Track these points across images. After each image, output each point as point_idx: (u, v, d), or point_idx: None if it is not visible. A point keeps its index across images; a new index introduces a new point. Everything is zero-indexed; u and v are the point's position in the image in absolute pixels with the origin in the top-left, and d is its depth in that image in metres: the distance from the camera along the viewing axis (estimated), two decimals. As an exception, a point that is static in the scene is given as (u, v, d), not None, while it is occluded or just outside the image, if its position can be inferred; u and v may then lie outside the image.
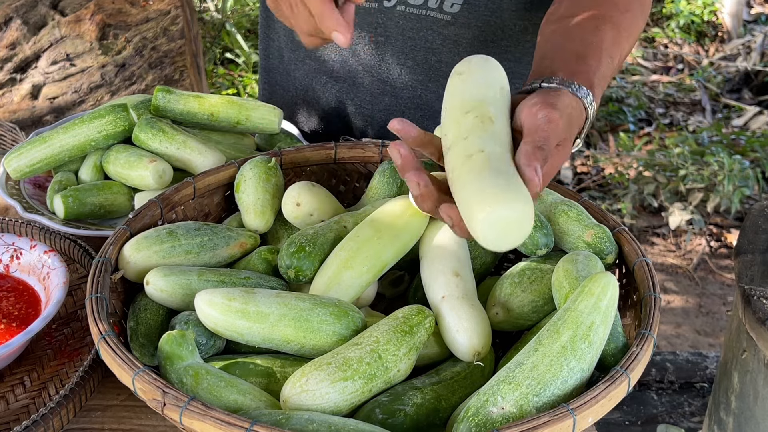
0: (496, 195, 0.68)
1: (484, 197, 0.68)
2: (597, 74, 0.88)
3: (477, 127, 0.76)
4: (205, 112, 1.23)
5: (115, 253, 0.89)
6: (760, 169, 3.45)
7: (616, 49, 0.95)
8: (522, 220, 0.69)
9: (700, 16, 4.85)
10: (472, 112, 0.78)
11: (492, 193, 0.68)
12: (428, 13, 1.22)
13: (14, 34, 2.78)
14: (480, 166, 0.71)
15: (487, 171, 0.71)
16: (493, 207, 0.68)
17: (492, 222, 0.68)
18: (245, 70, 4.00)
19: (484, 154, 0.72)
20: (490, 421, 0.70)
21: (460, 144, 0.75)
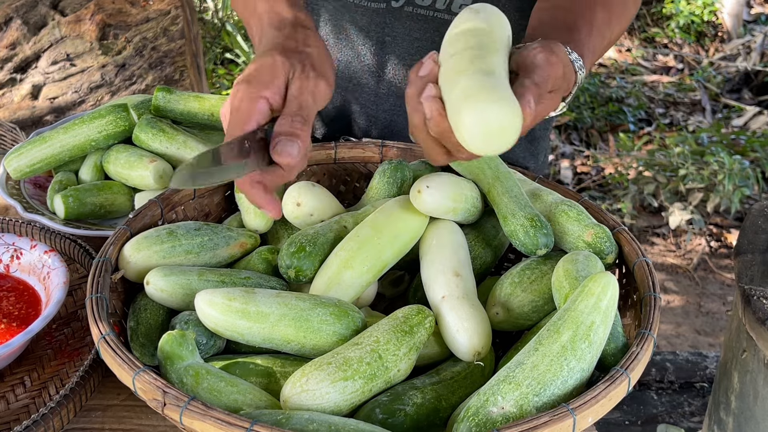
0: (487, 94, 0.69)
1: (473, 94, 0.69)
2: (587, 45, 0.90)
3: (476, 44, 0.77)
4: (205, 112, 1.23)
5: (116, 253, 0.89)
6: (760, 169, 3.45)
7: (607, 28, 0.97)
8: (509, 124, 0.69)
9: (700, 16, 4.85)
10: (472, 35, 0.79)
11: (482, 91, 0.69)
12: (436, 14, 1.22)
13: (14, 34, 2.78)
14: (473, 68, 0.72)
15: (479, 74, 0.71)
16: (483, 105, 0.68)
17: (479, 121, 0.68)
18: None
19: (478, 60, 0.73)
20: (490, 421, 0.70)
21: (456, 56, 0.76)
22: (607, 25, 0.97)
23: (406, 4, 1.22)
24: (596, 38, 0.93)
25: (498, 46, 0.79)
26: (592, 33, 0.93)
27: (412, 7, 1.22)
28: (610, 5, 0.99)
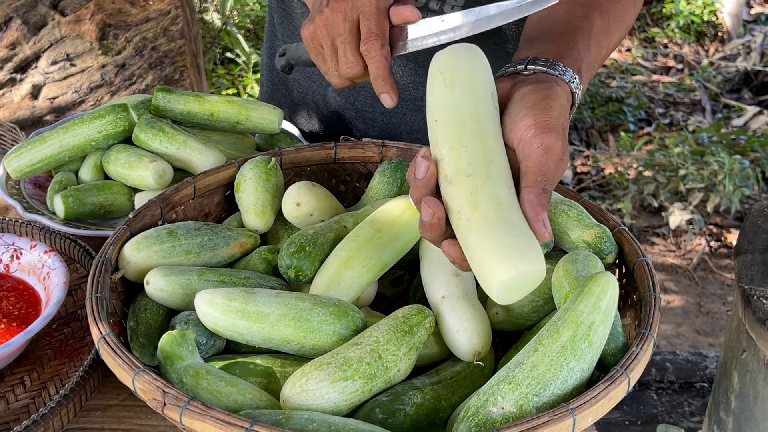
0: (512, 258, 0.67)
1: (499, 260, 0.67)
2: (585, 59, 0.87)
3: (479, 159, 0.73)
4: (205, 112, 1.23)
5: (115, 253, 0.89)
6: (760, 169, 3.45)
7: (605, 37, 0.93)
8: (536, 278, 0.69)
9: (700, 16, 4.85)
10: (469, 136, 0.74)
11: (507, 255, 0.67)
12: (428, 15, 1.21)
13: (14, 34, 2.78)
14: (492, 217, 0.69)
15: (499, 226, 0.69)
16: (510, 273, 0.67)
17: (508, 284, 0.68)
18: (245, 70, 3.99)
19: (493, 200, 0.70)
20: (490, 421, 0.70)
21: (464, 182, 0.72)
22: (605, 35, 0.93)
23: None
24: (594, 50, 0.90)
25: (495, 132, 0.75)
26: (590, 45, 0.89)
27: None
28: (608, 13, 0.95)
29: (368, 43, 0.87)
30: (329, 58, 0.92)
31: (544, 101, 0.77)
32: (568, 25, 0.91)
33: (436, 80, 0.79)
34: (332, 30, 0.91)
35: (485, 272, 0.69)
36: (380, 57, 0.87)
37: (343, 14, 0.89)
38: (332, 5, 0.90)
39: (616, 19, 0.97)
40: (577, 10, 0.93)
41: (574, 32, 0.89)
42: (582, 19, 0.91)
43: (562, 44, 0.86)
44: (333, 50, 0.92)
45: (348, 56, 0.89)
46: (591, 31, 0.90)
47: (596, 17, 0.92)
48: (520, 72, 0.82)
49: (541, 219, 0.70)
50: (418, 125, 1.32)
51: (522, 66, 0.82)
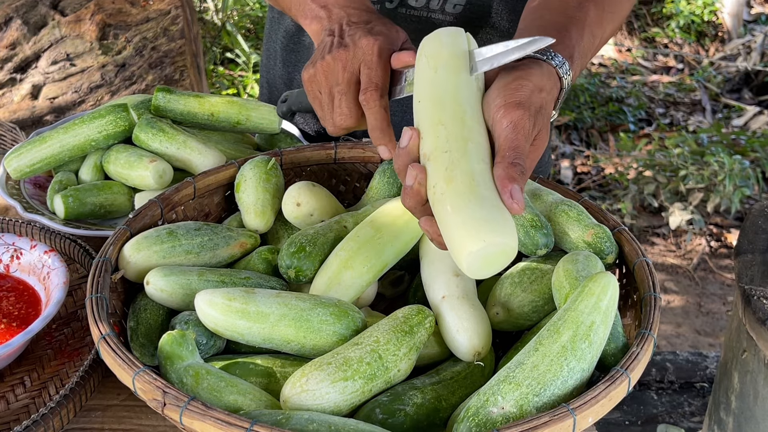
0: (482, 230, 0.68)
1: (469, 232, 0.68)
2: (578, 47, 0.87)
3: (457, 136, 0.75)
4: (205, 112, 1.23)
5: (115, 253, 0.89)
6: (761, 169, 3.45)
7: (599, 28, 0.93)
8: (507, 252, 0.69)
9: (700, 16, 4.85)
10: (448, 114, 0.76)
11: (477, 227, 0.68)
12: (429, 14, 1.21)
13: (14, 34, 2.78)
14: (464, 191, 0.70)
15: (472, 200, 0.70)
16: (479, 244, 0.68)
17: (477, 256, 0.68)
18: (245, 70, 4.00)
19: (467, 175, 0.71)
20: (490, 421, 0.70)
21: (440, 158, 0.74)
22: (598, 25, 0.93)
23: (399, 6, 1.21)
24: (587, 39, 0.90)
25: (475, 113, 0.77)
26: (584, 34, 0.89)
27: (405, 9, 1.21)
28: (603, 4, 0.95)
29: (368, 93, 0.86)
30: (326, 105, 0.91)
31: (515, 81, 0.77)
32: (563, 14, 0.91)
33: (421, 63, 0.82)
34: (331, 78, 0.89)
35: (455, 244, 0.69)
36: (379, 108, 0.86)
37: (343, 63, 0.88)
38: (334, 53, 0.88)
39: (611, 9, 0.96)
40: (571, 1, 0.93)
41: (568, 21, 0.89)
42: (576, 9, 0.91)
43: (553, 32, 0.86)
44: (330, 98, 0.90)
45: (343, 107, 0.89)
46: (585, 21, 0.90)
47: (591, 7, 0.92)
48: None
49: (508, 191, 0.70)
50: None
51: None
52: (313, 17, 0.96)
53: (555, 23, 0.89)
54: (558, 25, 0.88)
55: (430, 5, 1.20)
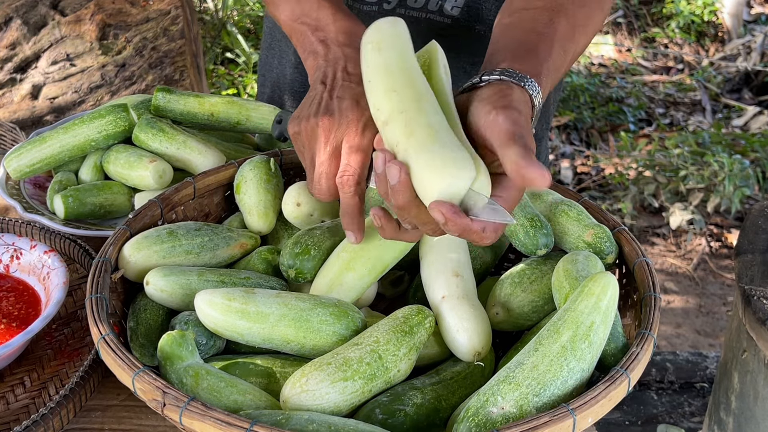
0: (448, 168, 0.70)
1: (435, 172, 0.70)
2: (546, 64, 0.86)
3: (410, 97, 0.76)
4: (205, 112, 1.23)
5: (115, 253, 0.89)
6: (761, 169, 3.45)
7: (570, 42, 0.92)
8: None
9: (700, 16, 4.85)
10: (398, 82, 0.78)
11: (443, 166, 0.70)
12: (428, 15, 1.21)
13: (14, 34, 2.78)
14: (425, 140, 0.72)
15: (433, 144, 0.71)
16: (446, 180, 0.69)
17: (448, 195, 0.70)
18: (245, 70, 4.00)
19: (425, 127, 0.73)
20: (490, 421, 0.70)
21: (397, 119, 0.75)
22: (569, 39, 0.92)
23: (398, 6, 1.21)
24: (557, 55, 0.89)
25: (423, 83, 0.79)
26: (552, 50, 0.88)
27: (404, 9, 1.21)
28: (574, 17, 0.94)
29: (344, 177, 0.84)
30: (308, 168, 0.89)
31: (501, 92, 0.78)
32: (532, 32, 0.90)
33: (366, 49, 0.83)
34: (314, 145, 0.87)
35: (425, 188, 0.71)
36: (353, 196, 0.84)
37: (326, 135, 0.85)
38: (320, 118, 0.86)
39: (582, 23, 0.95)
40: (542, 16, 0.92)
41: (537, 39, 0.88)
42: (546, 25, 0.91)
43: (522, 53, 0.85)
44: (312, 164, 0.88)
45: (322, 184, 0.86)
46: (554, 37, 0.89)
47: (561, 22, 0.91)
48: (476, 85, 0.82)
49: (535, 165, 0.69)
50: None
51: (477, 79, 0.82)
52: (310, 51, 0.95)
53: (524, 42, 0.88)
54: (527, 44, 0.88)
55: (429, 6, 1.20)
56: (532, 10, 0.93)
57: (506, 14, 0.97)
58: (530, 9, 0.93)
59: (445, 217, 0.70)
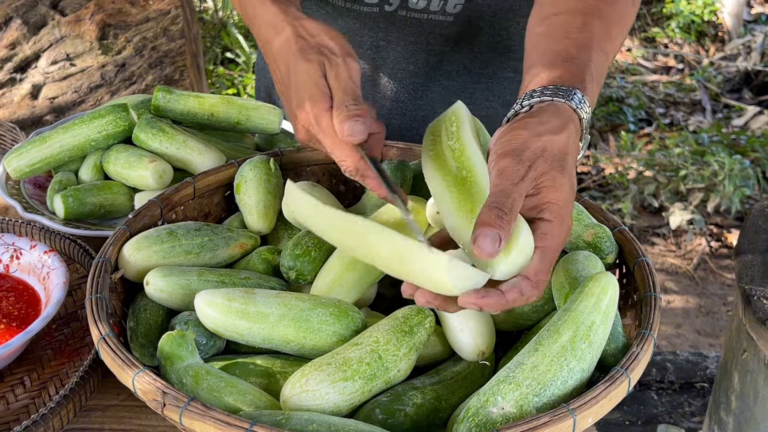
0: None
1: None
2: (588, 72, 0.83)
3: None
4: (205, 112, 1.23)
5: (115, 253, 0.89)
6: (761, 169, 3.45)
7: (608, 43, 0.90)
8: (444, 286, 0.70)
9: (700, 16, 4.85)
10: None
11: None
12: (430, 16, 1.21)
13: (14, 34, 2.78)
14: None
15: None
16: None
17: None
18: (245, 70, 4.00)
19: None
20: (490, 421, 0.70)
21: None
22: (607, 39, 0.90)
23: (399, 8, 1.20)
24: (597, 58, 0.86)
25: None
26: (592, 55, 0.86)
27: (405, 11, 1.21)
28: (608, 17, 0.91)
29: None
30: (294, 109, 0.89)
31: (509, 133, 0.76)
32: (566, 39, 0.88)
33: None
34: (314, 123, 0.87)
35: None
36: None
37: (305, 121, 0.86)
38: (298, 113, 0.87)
39: (616, 22, 0.93)
40: (574, 20, 0.89)
41: (573, 46, 0.86)
42: (580, 29, 0.88)
43: (559, 63, 0.83)
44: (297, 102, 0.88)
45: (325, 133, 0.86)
46: (592, 41, 0.87)
47: (596, 24, 0.89)
48: (518, 112, 0.81)
49: (477, 234, 0.68)
50: (419, 123, 1.32)
51: (518, 106, 0.81)
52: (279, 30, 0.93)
53: (560, 52, 0.86)
54: (563, 53, 0.85)
55: (431, 7, 1.20)
56: (562, 14, 0.91)
57: (536, 22, 0.95)
58: (560, 14, 0.91)
59: (478, 305, 0.69)
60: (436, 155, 0.86)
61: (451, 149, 0.85)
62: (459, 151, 0.84)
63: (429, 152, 0.88)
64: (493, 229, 0.67)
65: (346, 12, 1.23)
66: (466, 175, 0.81)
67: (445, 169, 0.84)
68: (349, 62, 0.85)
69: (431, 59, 1.26)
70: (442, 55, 1.25)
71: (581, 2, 0.92)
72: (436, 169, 0.84)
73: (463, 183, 0.80)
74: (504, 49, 1.26)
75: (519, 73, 1.28)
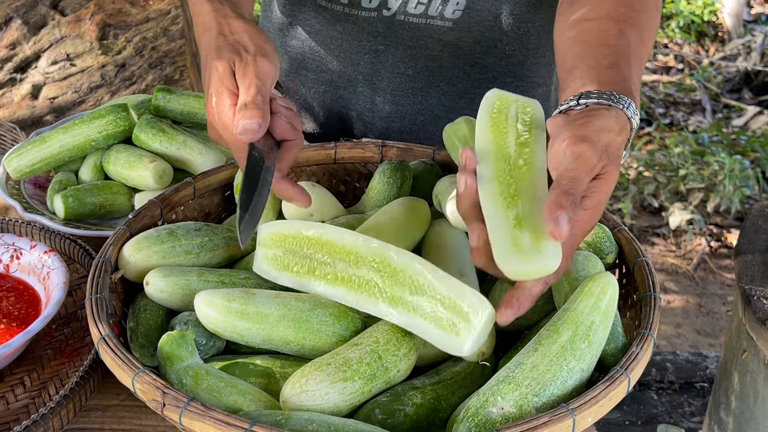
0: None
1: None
2: (632, 80, 0.83)
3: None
4: (204, 112, 1.23)
5: (115, 253, 0.89)
6: (761, 169, 3.45)
7: (643, 49, 0.90)
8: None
9: (700, 16, 4.85)
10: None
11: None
12: (428, 21, 1.20)
13: (14, 34, 2.78)
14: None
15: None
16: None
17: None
18: (245, 70, 3.99)
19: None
20: (490, 421, 0.70)
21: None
22: (642, 48, 0.90)
23: (398, 13, 1.20)
24: (636, 67, 0.86)
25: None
26: (632, 64, 0.85)
27: (404, 16, 1.20)
28: (640, 25, 0.91)
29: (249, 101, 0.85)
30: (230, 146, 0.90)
31: (582, 119, 0.76)
32: (606, 46, 0.87)
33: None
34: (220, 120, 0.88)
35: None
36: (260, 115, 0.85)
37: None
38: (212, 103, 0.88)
39: (647, 29, 0.93)
40: (610, 28, 0.89)
41: (615, 54, 0.86)
42: (618, 37, 0.88)
43: (606, 70, 0.83)
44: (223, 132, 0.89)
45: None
46: (630, 49, 0.87)
47: (631, 32, 0.89)
48: (572, 108, 0.80)
49: (554, 217, 0.68)
50: (419, 128, 1.32)
51: (575, 102, 0.80)
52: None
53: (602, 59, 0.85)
54: (607, 62, 0.85)
55: (429, 12, 1.19)
56: (595, 20, 0.91)
57: (568, 27, 0.94)
58: (593, 20, 0.91)
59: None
60: (496, 126, 0.84)
61: (518, 134, 0.83)
62: (526, 143, 0.81)
63: (492, 114, 0.85)
64: (566, 212, 0.68)
65: (345, 17, 1.23)
66: (521, 165, 0.79)
67: (501, 144, 0.81)
68: (260, 61, 0.87)
69: (430, 64, 1.26)
70: (441, 60, 1.25)
71: (614, 10, 0.91)
72: (493, 138, 0.82)
73: (515, 168, 0.78)
74: (504, 55, 1.26)
75: (519, 78, 1.29)
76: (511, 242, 0.71)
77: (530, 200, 0.75)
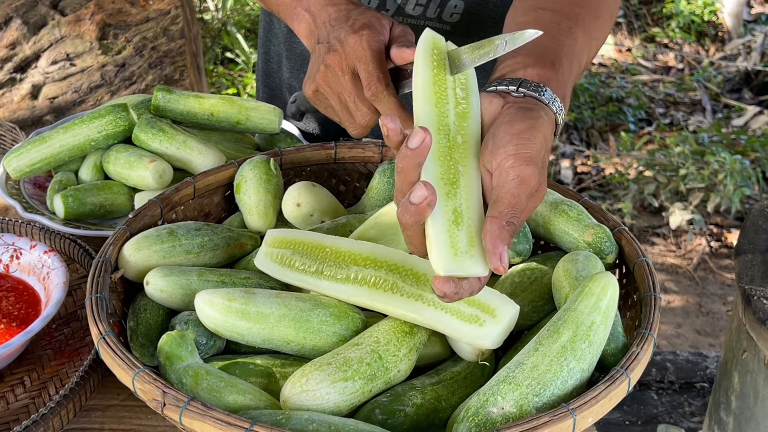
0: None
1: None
2: (569, 82, 0.85)
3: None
4: (205, 112, 1.23)
5: (115, 253, 0.89)
6: (761, 169, 3.45)
7: (585, 55, 0.92)
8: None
9: (700, 16, 4.85)
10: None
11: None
12: (426, 23, 1.20)
13: (14, 34, 2.78)
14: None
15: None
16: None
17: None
18: (245, 70, 4.00)
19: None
20: (490, 421, 0.70)
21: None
22: (585, 52, 0.91)
23: (395, 15, 1.20)
24: (575, 70, 0.88)
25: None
26: (573, 66, 0.87)
27: (402, 17, 1.20)
28: (590, 30, 0.92)
29: (372, 87, 0.86)
30: (341, 112, 0.92)
31: (528, 131, 0.75)
32: (554, 40, 0.88)
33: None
34: (335, 85, 0.90)
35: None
36: (388, 97, 0.86)
37: (339, 67, 0.88)
38: (327, 60, 0.88)
39: (596, 36, 0.94)
40: (562, 23, 0.90)
41: (560, 50, 0.87)
42: (567, 35, 0.89)
43: (548, 64, 0.83)
44: (342, 105, 0.91)
45: (361, 108, 0.88)
46: (574, 50, 0.88)
47: (579, 33, 0.90)
48: (510, 93, 0.80)
49: (497, 252, 0.68)
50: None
51: (513, 88, 0.80)
52: (300, 20, 0.97)
53: (547, 50, 0.86)
54: (551, 54, 0.85)
55: (427, 14, 1.19)
56: (548, 11, 0.91)
57: (520, 12, 0.95)
58: (546, 10, 0.92)
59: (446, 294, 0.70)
60: (438, 84, 0.81)
61: (457, 101, 0.81)
62: (464, 114, 0.80)
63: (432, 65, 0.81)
64: (506, 246, 0.68)
65: None
66: (460, 144, 0.77)
67: (441, 114, 0.79)
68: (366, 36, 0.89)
69: None
70: None
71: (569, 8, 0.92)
72: (434, 105, 0.79)
73: (455, 146, 0.77)
74: None
75: None
76: (448, 242, 0.70)
77: (467, 187, 0.74)
